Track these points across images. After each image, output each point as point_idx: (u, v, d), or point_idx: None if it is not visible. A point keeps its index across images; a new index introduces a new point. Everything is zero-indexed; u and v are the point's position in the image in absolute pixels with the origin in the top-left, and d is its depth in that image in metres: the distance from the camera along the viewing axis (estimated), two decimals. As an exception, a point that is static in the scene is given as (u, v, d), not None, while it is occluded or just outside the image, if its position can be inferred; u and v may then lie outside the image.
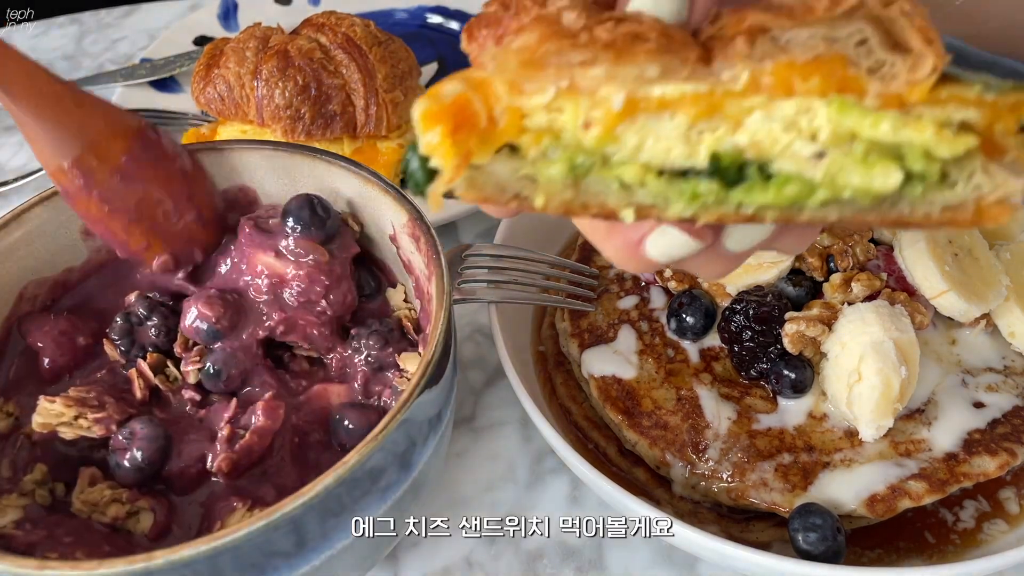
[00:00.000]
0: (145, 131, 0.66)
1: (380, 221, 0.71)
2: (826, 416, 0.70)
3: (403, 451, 0.58)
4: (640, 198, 0.45)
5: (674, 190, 0.45)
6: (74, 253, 0.72)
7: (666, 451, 0.70)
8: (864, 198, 0.44)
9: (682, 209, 0.45)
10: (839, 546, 0.63)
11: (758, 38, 0.41)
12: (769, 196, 0.44)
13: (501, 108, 0.43)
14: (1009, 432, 0.69)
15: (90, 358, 0.69)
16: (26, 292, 0.70)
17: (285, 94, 0.96)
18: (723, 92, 0.42)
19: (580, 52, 0.41)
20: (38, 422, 0.61)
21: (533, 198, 0.46)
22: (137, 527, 0.59)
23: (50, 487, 0.61)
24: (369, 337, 0.68)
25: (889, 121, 0.41)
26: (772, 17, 0.40)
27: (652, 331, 0.77)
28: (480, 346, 0.91)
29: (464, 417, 0.84)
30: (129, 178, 0.65)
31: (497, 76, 0.42)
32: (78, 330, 0.69)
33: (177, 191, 0.68)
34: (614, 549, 0.73)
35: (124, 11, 1.47)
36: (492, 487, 0.78)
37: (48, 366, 0.67)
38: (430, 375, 0.57)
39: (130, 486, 0.60)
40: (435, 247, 0.64)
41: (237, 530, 0.49)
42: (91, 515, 0.59)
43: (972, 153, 0.42)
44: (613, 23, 0.41)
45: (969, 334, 0.74)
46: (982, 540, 0.68)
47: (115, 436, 0.61)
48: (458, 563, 0.73)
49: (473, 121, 0.42)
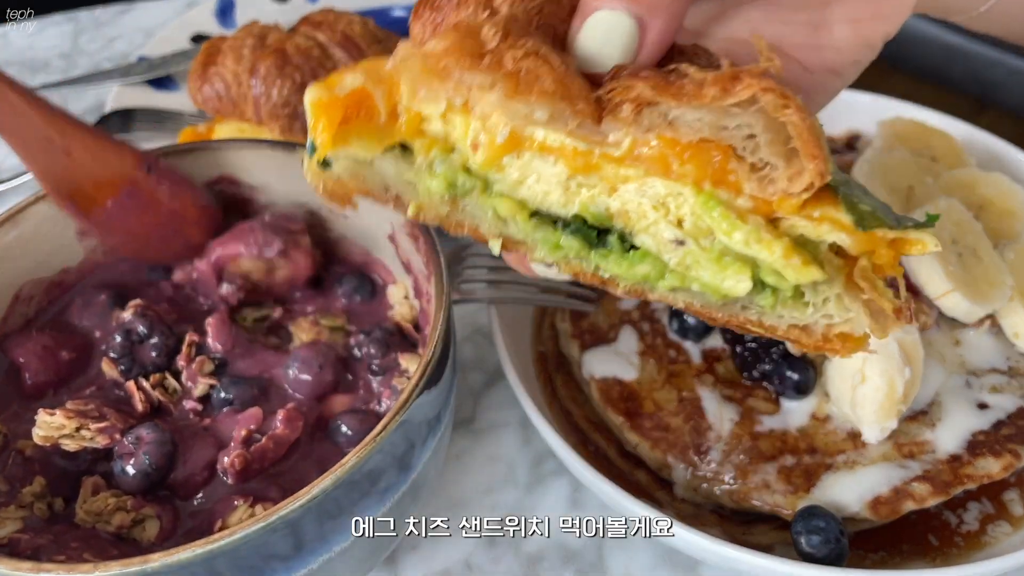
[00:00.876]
0: (137, 177, 0.67)
1: (379, 220, 0.71)
2: (829, 418, 0.69)
3: (402, 453, 0.57)
4: (511, 232, 0.46)
5: (540, 236, 0.45)
6: (71, 253, 0.72)
7: (668, 453, 0.69)
8: (714, 294, 0.43)
9: (544, 256, 0.46)
10: (842, 549, 0.63)
11: (645, 108, 0.40)
12: (623, 269, 0.44)
13: (403, 107, 0.42)
14: (1013, 433, 0.68)
15: (74, 374, 0.68)
16: (22, 293, 0.69)
17: (283, 92, 0.95)
18: (602, 154, 0.42)
19: (481, 74, 0.40)
20: (39, 435, 0.60)
21: (407, 206, 0.46)
22: (143, 535, 0.58)
23: (48, 501, 0.60)
24: (369, 345, 0.67)
25: (743, 233, 0.41)
26: (658, 93, 0.39)
27: (653, 332, 0.76)
28: (480, 347, 0.90)
29: (464, 419, 0.83)
30: (113, 220, 0.67)
31: (401, 75, 0.41)
32: (60, 345, 0.67)
33: (166, 228, 0.70)
34: (615, 551, 0.73)
35: (121, 9, 1.46)
36: (492, 489, 0.78)
37: (30, 382, 0.65)
38: (429, 376, 0.57)
39: (135, 493, 0.59)
40: (434, 247, 0.63)
41: (233, 532, 0.48)
42: (95, 524, 0.58)
43: (833, 280, 0.42)
44: (523, 54, 0.40)
45: (973, 335, 0.74)
46: (986, 542, 0.68)
47: (121, 442, 0.60)
48: (458, 565, 0.73)
49: (369, 114, 0.42)
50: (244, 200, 0.75)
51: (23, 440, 0.61)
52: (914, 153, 0.85)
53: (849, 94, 0.96)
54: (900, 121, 0.87)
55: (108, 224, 0.67)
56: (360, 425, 0.63)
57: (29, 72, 1.34)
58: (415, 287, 0.70)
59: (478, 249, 0.79)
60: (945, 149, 0.86)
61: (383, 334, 0.68)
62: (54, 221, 0.70)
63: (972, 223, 0.74)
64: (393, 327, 0.69)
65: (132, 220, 0.67)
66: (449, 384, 0.63)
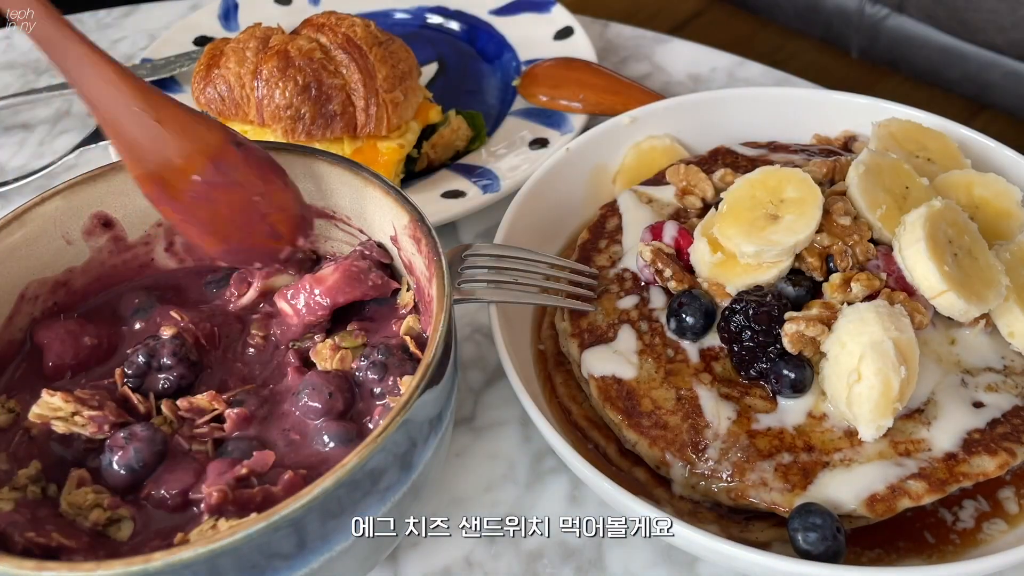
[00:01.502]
0: (224, 152, 0.65)
1: (381, 223, 0.71)
2: (826, 416, 0.70)
3: (404, 452, 0.58)
4: None
5: None
6: (76, 253, 0.73)
7: (666, 451, 0.70)
8: None
9: None
10: (839, 546, 0.63)
11: None
12: None
13: None
14: (1008, 432, 0.69)
15: (95, 361, 0.69)
16: (27, 292, 0.70)
17: (285, 94, 0.96)
18: None
19: None
20: (35, 412, 0.61)
21: None
22: (118, 534, 0.58)
23: (42, 485, 0.61)
24: (369, 371, 0.65)
25: None
26: None
27: (652, 331, 0.77)
28: (480, 346, 0.91)
29: (464, 417, 0.84)
30: (200, 200, 0.65)
31: None
32: (85, 332, 0.69)
33: (253, 214, 0.67)
34: (613, 548, 0.73)
35: (124, 11, 1.47)
36: (492, 487, 0.78)
37: (51, 363, 0.67)
38: (431, 376, 0.57)
39: (119, 487, 0.60)
40: (436, 249, 0.64)
41: (236, 532, 0.49)
42: (75, 518, 0.59)
43: None
44: None
45: (969, 334, 0.74)
46: (981, 540, 0.68)
47: (115, 435, 0.61)
48: (458, 563, 0.73)
49: None
50: None
51: (31, 420, 0.63)
52: (909, 154, 0.85)
53: (845, 96, 0.97)
54: (895, 122, 0.88)
55: (193, 207, 0.65)
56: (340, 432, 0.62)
57: (33, 74, 1.35)
58: (417, 289, 0.70)
59: (478, 249, 0.79)
60: (940, 150, 0.86)
61: (381, 356, 0.65)
62: (60, 221, 0.71)
63: (968, 224, 0.75)
64: (395, 346, 0.67)
65: (219, 199, 0.65)
66: (450, 383, 0.63)
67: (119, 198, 0.73)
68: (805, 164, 0.85)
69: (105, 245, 0.74)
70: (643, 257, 0.79)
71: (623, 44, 1.33)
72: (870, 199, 0.76)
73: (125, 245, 0.75)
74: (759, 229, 0.74)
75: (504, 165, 1.05)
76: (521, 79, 1.17)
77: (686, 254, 0.79)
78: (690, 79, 1.26)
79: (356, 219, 0.74)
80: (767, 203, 0.75)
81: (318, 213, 0.75)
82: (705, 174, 0.86)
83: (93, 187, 0.72)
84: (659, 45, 1.32)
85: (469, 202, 0.98)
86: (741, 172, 0.81)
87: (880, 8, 2.06)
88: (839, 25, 2.16)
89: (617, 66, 1.29)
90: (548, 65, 1.17)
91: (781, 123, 0.98)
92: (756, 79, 1.24)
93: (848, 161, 0.81)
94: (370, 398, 0.65)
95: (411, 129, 1.04)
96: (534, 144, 1.07)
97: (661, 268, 0.78)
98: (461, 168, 1.06)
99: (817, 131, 0.98)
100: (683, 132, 0.99)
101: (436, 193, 1.01)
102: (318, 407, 0.63)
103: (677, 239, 0.80)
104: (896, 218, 0.75)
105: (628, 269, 0.82)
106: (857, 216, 0.76)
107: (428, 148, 1.07)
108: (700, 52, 1.30)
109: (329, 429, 0.62)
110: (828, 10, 2.17)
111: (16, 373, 0.69)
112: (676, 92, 1.18)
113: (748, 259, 0.74)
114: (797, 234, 0.72)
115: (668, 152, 0.97)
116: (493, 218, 0.93)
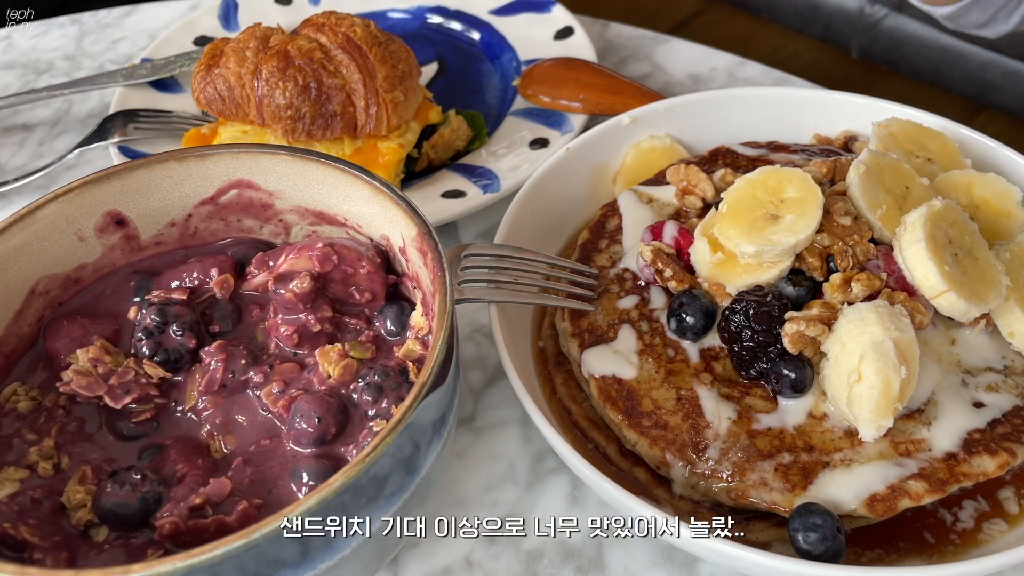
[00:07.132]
0: None
1: (390, 233, 0.71)
2: (826, 416, 0.70)
3: (408, 455, 0.57)
4: None
5: None
6: (88, 250, 0.73)
7: (666, 451, 0.70)
8: None
9: None
10: (839, 546, 0.64)
11: None
12: None
13: None
14: (1009, 432, 0.69)
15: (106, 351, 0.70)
16: (38, 288, 0.70)
17: (285, 94, 0.96)
18: None
19: None
20: (73, 368, 0.66)
21: None
22: (98, 535, 0.59)
23: (55, 461, 0.62)
24: (364, 392, 0.64)
25: None
26: None
27: (652, 331, 0.77)
28: (480, 346, 0.91)
29: (464, 417, 0.84)
30: None
31: None
32: (91, 332, 0.69)
33: None
34: (613, 548, 0.73)
35: (124, 11, 1.47)
36: (492, 487, 0.79)
37: (63, 365, 0.68)
38: (434, 379, 0.57)
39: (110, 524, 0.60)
40: (441, 263, 0.63)
41: (238, 539, 0.49)
42: (69, 512, 0.60)
43: None
44: None
45: (969, 334, 0.74)
46: (981, 540, 0.68)
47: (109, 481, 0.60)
48: (458, 563, 0.73)
49: None
50: (263, 205, 0.76)
51: (51, 397, 0.67)
52: (910, 154, 0.85)
53: (845, 96, 0.97)
54: (896, 122, 0.87)
55: None
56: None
57: (33, 74, 1.35)
58: (422, 300, 0.69)
59: (478, 249, 0.79)
60: (940, 150, 0.86)
61: (378, 378, 0.64)
62: (73, 218, 0.71)
63: (968, 224, 0.75)
64: (393, 368, 0.65)
65: None
66: (453, 386, 0.63)
67: (133, 197, 0.73)
68: (805, 164, 0.85)
69: (117, 243, 0.74)
70: (643, 257, 0.79)
71: (623, 44, 1.33)
72: (870, 199, 0.76)
73: (138, 244, 0.75)
74: (759, 229, 0.74)
75: (504, 165, 1.05)
76: (521, 79, 1.17)
77: (686, 254, 0.79)
78: (690, 79, 1.27)
79: (367, 227, 0.73)
80: (767, 203, 0.75)
81: (328, 219, 0.75)
82: (705, 174, 0.86)
83: (107, 185, 0.72)
84: (659, 45, 1.32)
85: (469, 202, 0.99)
86: (741, 172, 0.81)
87: (880, 8, 2.06)
88: (839, 25, 2.16)
89: (617, 66, 1.29)
90: (548, 65, 1.17)
91: (781, 123, 0.98)
92: (756, 79, 1.25)
93: (848, 161, 0.81)
94: (363, 420, 0.64)
95: (411, 129, 1.04)
96: (534, 144, 1.08)
97: (661, 268, 0.78)
98: (461, 168, 1.06)
99: (817, 131, 0.98)
100: (683, 132, 1.00)
101: (436, 193, 1.01)
102: (310, 431, 0.62)
103: (677, 239, 0.80)
104: (896, 218, 0.75)
105: (628, 269, 0.82)
106: (857, 216, 0.76)
107: (428, 148, 1.07)
108: (700, 52, 1.30)
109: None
110: (828, 10, 2.17)
111: (36, 367, 0.69)
112: (676, 92, 1.18)
113: (748, 259, 0.74)
114: (797, 234, 0.72)
115: (668, 152, 0.97)
116: (493, 218, 0.93)
